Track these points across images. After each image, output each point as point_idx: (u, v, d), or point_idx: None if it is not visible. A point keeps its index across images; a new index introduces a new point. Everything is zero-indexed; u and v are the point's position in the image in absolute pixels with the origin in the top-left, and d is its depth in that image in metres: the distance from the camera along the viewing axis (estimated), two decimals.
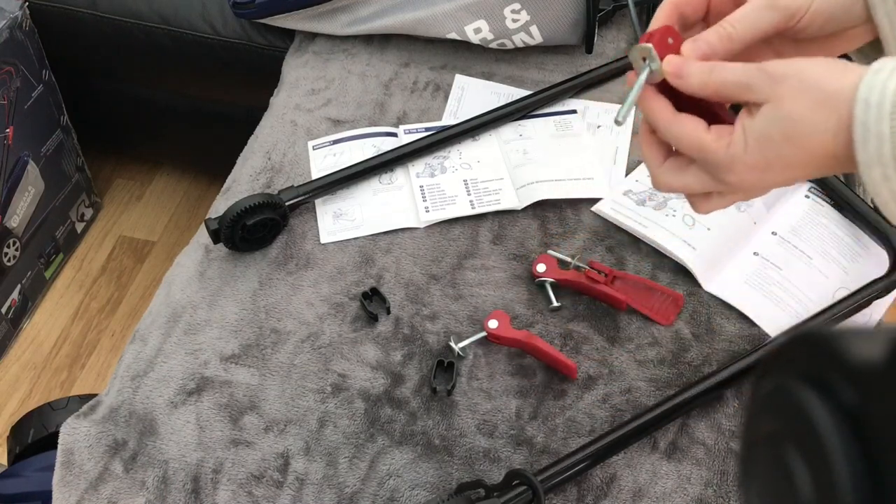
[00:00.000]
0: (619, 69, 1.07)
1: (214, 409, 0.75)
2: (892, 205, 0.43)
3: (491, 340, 0.80)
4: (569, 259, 0.84)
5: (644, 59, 0.48)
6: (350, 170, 0.91)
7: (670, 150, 0.52)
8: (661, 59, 0.48)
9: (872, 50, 0.51)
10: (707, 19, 0.52)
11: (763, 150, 0.45)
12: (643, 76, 0.48)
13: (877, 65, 0.42)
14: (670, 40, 0.49)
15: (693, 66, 0.47)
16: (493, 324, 0.79)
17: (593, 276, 0.82)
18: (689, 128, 0.47)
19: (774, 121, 0.44)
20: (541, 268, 0.83)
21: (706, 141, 0.46)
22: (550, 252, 0.85)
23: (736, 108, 0.49)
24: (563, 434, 0.74)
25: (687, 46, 0.48)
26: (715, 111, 0.50)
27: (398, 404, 0.76)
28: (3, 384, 1.47)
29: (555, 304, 0.82)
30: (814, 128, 0.43)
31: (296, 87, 1.06)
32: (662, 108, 0.49)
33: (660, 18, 0.50)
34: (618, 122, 0.49)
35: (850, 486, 0.23)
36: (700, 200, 0.51)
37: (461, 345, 0.78)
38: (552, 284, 0.83)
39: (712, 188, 0.49)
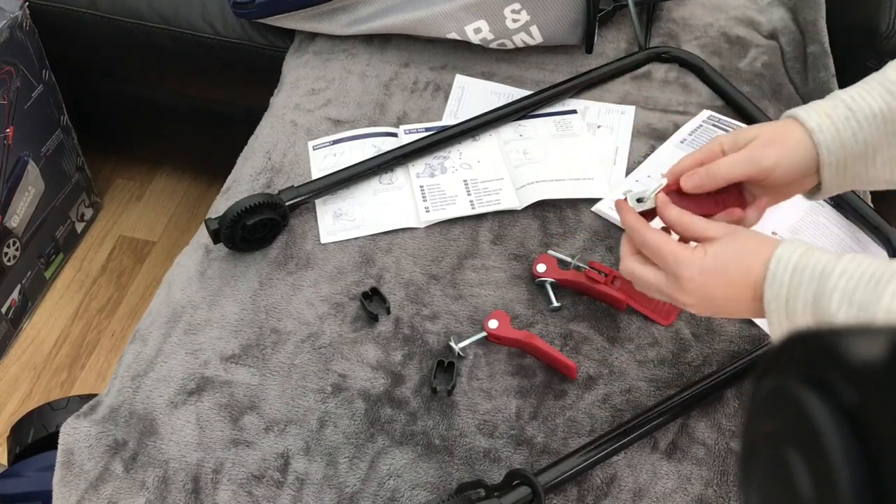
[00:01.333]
0: (619, 69, 1.07)
1: (214, 409, 0.75)
2: (777, 325, 0.57)
3: (491, 340, 0.80)
4: (569, 259, 0.84)
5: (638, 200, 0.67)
6: (350, 170, 0.91)
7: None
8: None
9: (812, 193, 0.67)
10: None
11: (716, 260, 0.59)
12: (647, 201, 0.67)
13: (785, 243, 0.58)
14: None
15: (671, 211, 0.64)
16: (493, 324, 0.79)
17: (593, 276, 0.82)
18: (658, 237, 0.62)
19: (729, 243, 0.59)
20: (541, 268, 0.84)
21: (674, 248, 0.61)
22: (550, 252, 0.85)
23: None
24: (563, 434, 0.74)
25: (683, 179, 0.65)
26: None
27: (398, 404, 0.76)
28: (3, 384, 1.47)
29: (555, 304, 0.82)
30: (754, 256, 0.58)
31: (296, 87, 1.06)
32: (636, 220, 0.65)
33: (684, 166, 0.67)
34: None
35: (851, 486, 0.22)
36: (632, 263, 0.66)
37: (461, 345, 0.78)
38: (552, 284, 0.83)
39: (664, 288, 0.62)
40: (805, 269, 0.54)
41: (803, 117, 0.62)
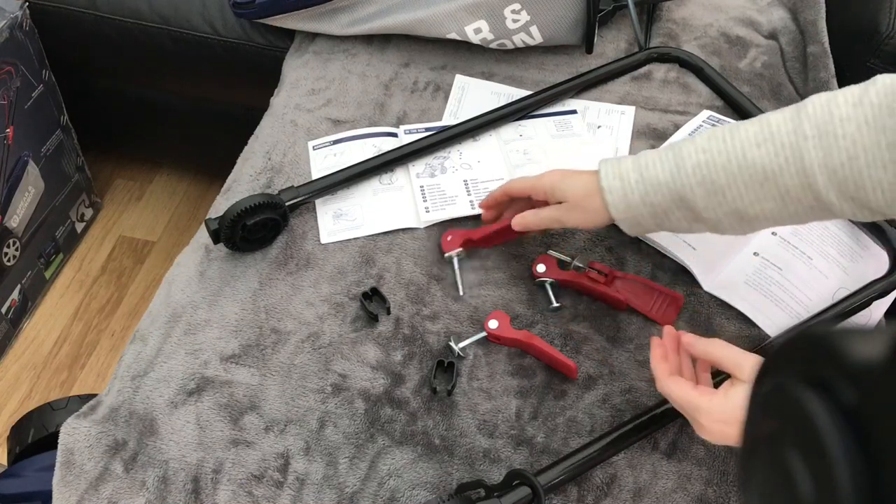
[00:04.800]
0: (619, 69, 1.07)
1: (214, 409, 0.75)
2: None
3: (491, 340, 0.80)
4: (568, 259, 0.84)
5: None
6: (350, 170, 0.91)
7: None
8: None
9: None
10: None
11: (736, 409, 0.62)
12: None
13: None
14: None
15: (698, 344, 0.69)
16: (493, 324, 0.79)
17: (593, 277, 0.82)
18: (681, 388, 0.66)
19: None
20: (541, 268, 0.83)
21: (694, 396, 0.64)
22: (550, 252, 0.85)
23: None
24: (563, 434, 0.74)
25: (515, 220, 0.80)
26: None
27: (398, 404, 0.76)
28: (3, 384, 1.47)
29: (555, 304, 0.82)
30: None
31: (296, 87, 1.06)
32: (662, 372, 0.68)
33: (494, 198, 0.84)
34: None
35: (851, 486, 0.22)
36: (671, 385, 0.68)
37: (461, 345, 0.78)
38: (552, 284, 0.83)
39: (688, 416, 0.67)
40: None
41: (601, 175, 0.72)
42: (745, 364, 0.64)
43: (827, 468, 0.23)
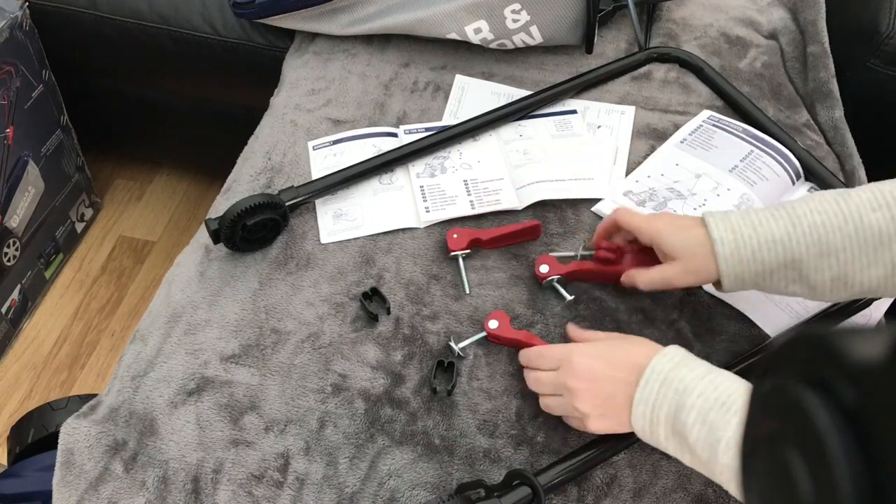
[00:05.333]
0: (619, 69, 1.07)
1: (214, 409, 0.75)
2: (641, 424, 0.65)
3: (491, 341, 0.80)
4: (571, 253, 0.84)
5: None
6: (350, 170, 0.91)
7: None
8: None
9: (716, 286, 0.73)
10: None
11: (602, 347, 0.70)
12: None
13: (666, 349, 0.66)
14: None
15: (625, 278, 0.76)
16: (493, 324, 0.79)
17: (605, 256, 0.81)
18: (548, 346, 0.74)
19: (618, 336, 0.73)
20: (544, 268, 0.83)
21: (551, 346, 0.73)
22: (553, 254, 0.85)
23: None
24: (563, 434, 0.74)
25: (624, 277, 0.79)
26: None
27: (398, 404, 0.76)
28: (3, 384, 1.47)
29: (568, 297, 0.82)
30: (639, 348, 0.68)
31: (296, 87, 1.06)
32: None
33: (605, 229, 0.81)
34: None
35: (851, 486, 0.22)
36: (546, 400, 0.73)
37: (461, 345, 0.78)
38: (560, 281, 0.83)
39: (557, 380, 0.70)
40: (671, 383, 0.62)
41: (711, 227, 0.70)
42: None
43: (827, 468, 0.23)
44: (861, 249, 0.65)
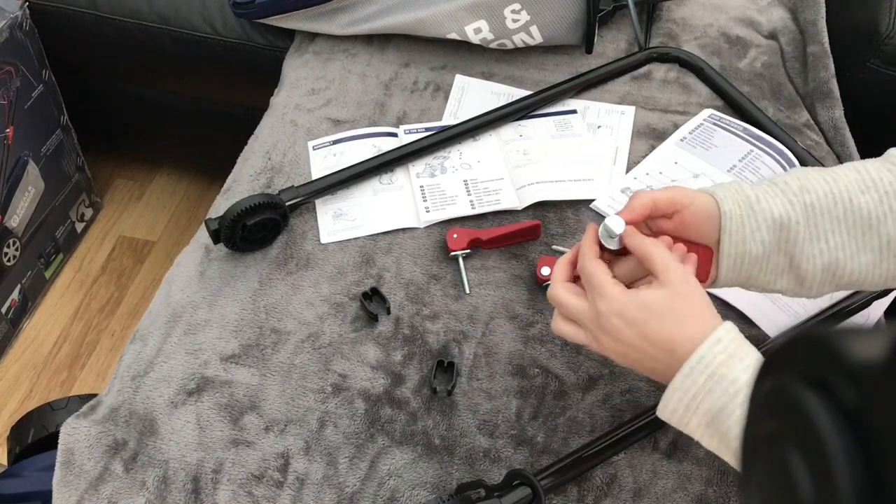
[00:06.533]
0: (619, 69, 1.07)
1: (214, 409, 0.75)
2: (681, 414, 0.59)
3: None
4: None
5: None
6: (350, 170, 0.91)
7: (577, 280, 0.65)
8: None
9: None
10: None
11: (640, 311, 0.58)
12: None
13: (719, 333, 0.57)
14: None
15: (634, 237, 0.62)
16: (545, 271, 0.80)
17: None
18: (595, 265, 0.62)
19: (666, 299, 0.59)
20: (545, 271, 0.83)
21: (603, 278, 0.60)
22: (554, 247, 0.85)
23: None
24: (563, 434, 0.74)
25: (623, 213, 0.64)
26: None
27: (398, 404, 0.76)
28: (3, 384, 1.47)
29: None
30: (680, 327, 0.58)
31: (296, 87, 1.06)
32: (589, 251, 0.63)
33: (637, 209, 0.65)
34: None
35: (851, 487, 0.22)
36: (560, 322, 0.65)
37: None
38: None
39: (585, 320, 0.62)
40: (721, 381, 0.56)
41: (719, 198, 0.64)
42: (674, 268, 0.59)
43: (827, 468, 0.23)
44: (850, 234, 0.62)
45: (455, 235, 0.86)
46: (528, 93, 1.03)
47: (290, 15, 1.14)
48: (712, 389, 0.56)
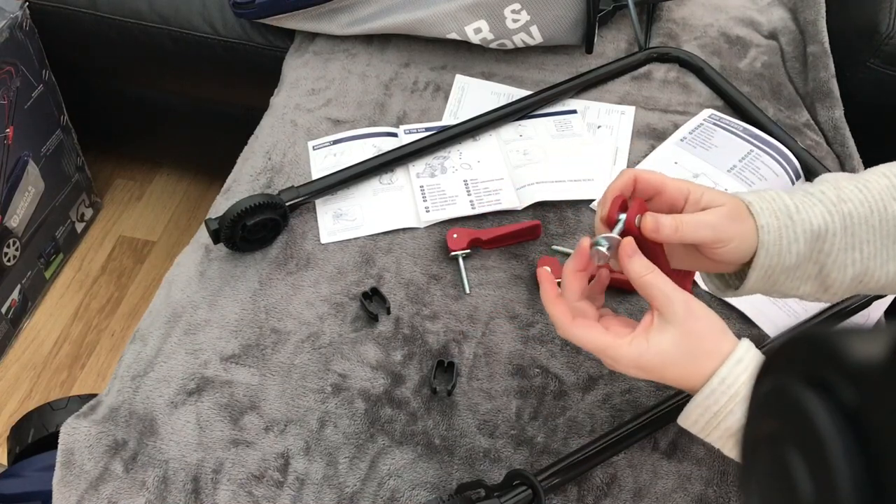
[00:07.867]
0: (619, 69, 1.07)
1: (214, 409, 0.75)
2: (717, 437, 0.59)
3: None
4: (572, 250, 0.84)
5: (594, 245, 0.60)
6: (350, 170, 0.91)
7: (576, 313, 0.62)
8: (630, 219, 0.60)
9: (723, 289, 0.67)
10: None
11: (657, 357, 0.57)
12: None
13: (739, 353, 0.57)
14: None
15: (634, 265, 0.59)
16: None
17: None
18: (593, 334, 0.60)
19: (679, 340, 0.57)
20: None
21: (607, 342, 0.59)
22: (554, 247, 0.85)
23: None
24: (563, 434, 0.74)
25: (649, 219, 0.60)
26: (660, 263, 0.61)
27: (398, 404, 0.76)
28: (3, 384, 1.47)
29: None
30: (697, 367, 0.58)
31: (296, 87, 1.06)
32: (561, 314, 0.61)
33: (617, 187, 0.62)
34: None
35: (851, 487, 0.22)
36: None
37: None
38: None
39: (601, 358, 0.60)
40: (743, 401, 0.55)
41: (756, 211, 0.60)
42: (676, 301, 0.57)
43: (827, 468, 0.23)
44: (883, 242, 0.60)
45: (455, 235, 0.86)
46: (528, 93, 1.03)
47: (290, 15, 1.14)
48: (733, 411, 0.57)
